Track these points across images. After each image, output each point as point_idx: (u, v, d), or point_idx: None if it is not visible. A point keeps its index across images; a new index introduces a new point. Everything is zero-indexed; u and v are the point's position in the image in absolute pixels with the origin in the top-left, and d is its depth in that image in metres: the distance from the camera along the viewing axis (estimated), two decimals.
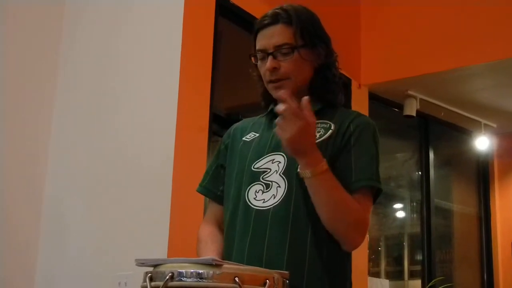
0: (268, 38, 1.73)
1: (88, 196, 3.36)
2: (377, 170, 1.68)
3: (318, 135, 1.69)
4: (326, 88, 1.78)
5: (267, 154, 1.71)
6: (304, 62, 1.73)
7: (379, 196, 1.71)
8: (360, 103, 4.61)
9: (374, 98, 4.94)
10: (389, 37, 4.85)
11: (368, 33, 4.91)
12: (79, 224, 3.36)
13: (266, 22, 1.74)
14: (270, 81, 1.74)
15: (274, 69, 1.71)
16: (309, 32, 1.74)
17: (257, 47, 1.75)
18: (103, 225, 3.24)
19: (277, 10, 1.75)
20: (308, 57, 1.74)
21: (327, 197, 1.57)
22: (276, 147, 1.71)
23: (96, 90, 3.53)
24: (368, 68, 4.83)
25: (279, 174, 1.66)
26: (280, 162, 1.68)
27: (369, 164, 1.67)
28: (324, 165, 1.55)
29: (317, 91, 1.77)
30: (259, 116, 1.88)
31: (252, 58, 1.78)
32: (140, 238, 3.05)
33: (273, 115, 1.79)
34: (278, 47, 1.71)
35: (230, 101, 3.92)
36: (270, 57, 1.71)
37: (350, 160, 1.66)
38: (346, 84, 4.62)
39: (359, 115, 1.77)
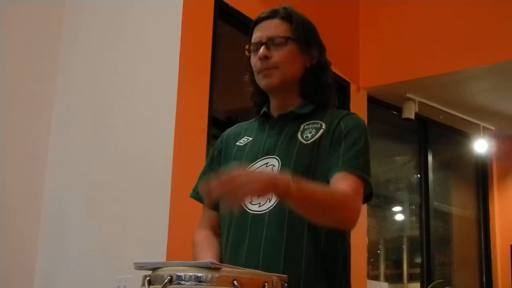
0: (263, 30, 1.76)
1: (87, 199, 3.36)
2: (365, 164, 1.66)
3: (310, 135, 1.70)
4: (318, 89, 1.78)
5: (261, 158, 1.72)
6: (295, 56, 1.75)
7: (372, 196, 1.70)
8: (359, 106, 4.61)
9: (373, 101, 4.95)
10: (387, 40, 4.85)
11: (367, 36, 4.91)
12: (78, 227, 3.36)
13: (264, 16, 1.78)
14: (259, 71, 1.75)
15: (265, 58, 1.73)
16: (304, 32, 1.77)
17: (252, 40, 1.78)
18: (102, 228, 3.24)
19: (277, 8, 1.79)
20: (301, 53, 1.75)
21: (313, 203, 1.53)
22: (269, 151, 1.72)
23: (96, 92, 3.53)
24: (367, 71, 4.83)
25: None
26: (274, 166, 1.68)
27: (355, 155, 1.66)
28: (290, 181, 1.46)
29: (309, 93, 1.78)
30: (251, 120, 1.89)
31: (246, 51, 1.79)
32: (139, 241, 3.04)
33: (265, 117, 1.81)
34: (272, 38, 1.74)
35: (229, 104, 3.91)
36: (263, 47, 1.74)
37: (339, 151, 1.66)
38: (344, 87, 4.62)
39: (349, 113, 1.78)
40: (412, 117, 5.09)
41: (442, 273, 5.73)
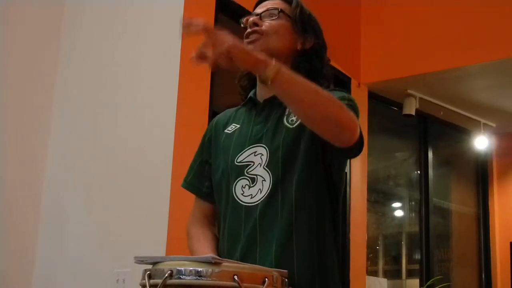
0: (263, 6, 1.78)
1: (87, 193, 3.36)
2: (354, 110, 1.63)
3: (295, 118, 1.67)
4: (308, 75, 1.69)
5: (248, 146, 1.69)
6: (285, 31, 1.73)
7: (362, 146, 1.63)
8: (359, 102, 4.56)
9: (373, 97, 4.94)
10: (388, 36, 4.85)
11: (368, 32, 4.91)
12: (77, 221, 3.36)
13: None
14: (246, 37, 1.74)
15: (254, 25, 1.73)
16: (302, 16, 1.76)
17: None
18: (102, 222, 3.24)
19: None
20: (292, 31, 1.74)
21: (301, 86, 1.48)
22: (256, 139, 1.69)
23: (96, 88, 3.53)
24: (368, 67, 4.83)
25: (263, 167, 1.65)
26: (262, 155, 1.66)
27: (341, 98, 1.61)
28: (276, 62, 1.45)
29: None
30: (240, 106, 1.86)
31: (242, 24, 1.78)
32: (139, 236, 3.05)
33: (253, 103, 1.78)
34: (266, 10, 1.75)
35: (229, 98, 3.91)
36: (255, 16, 1.75)
37: None
38: (345, 83, 4.62)
39: (334, 90, 1.74)
40: (413, 113, 5.09)
41: (441, 269, 5.74)
